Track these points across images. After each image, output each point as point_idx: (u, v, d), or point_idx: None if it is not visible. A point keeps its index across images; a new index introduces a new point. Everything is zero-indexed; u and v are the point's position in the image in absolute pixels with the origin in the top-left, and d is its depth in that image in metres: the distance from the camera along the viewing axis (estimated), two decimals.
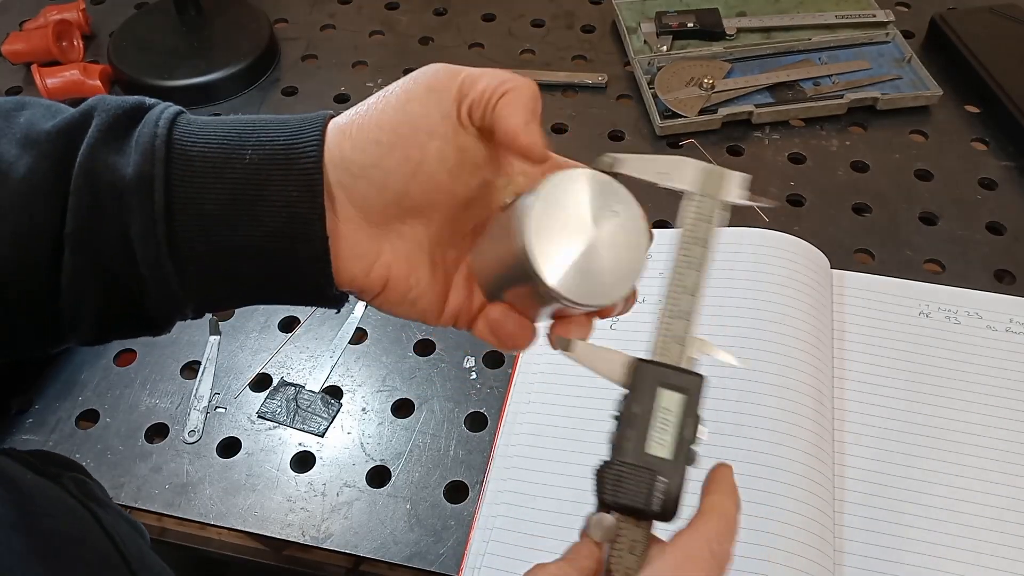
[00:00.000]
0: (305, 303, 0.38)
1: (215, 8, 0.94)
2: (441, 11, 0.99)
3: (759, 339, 0.62)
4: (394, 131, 0.34)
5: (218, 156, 0.34)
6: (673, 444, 0.34)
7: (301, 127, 0.35)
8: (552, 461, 0.59)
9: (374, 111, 0.35)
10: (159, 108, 0.36)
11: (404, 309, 0.38)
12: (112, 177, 0.34)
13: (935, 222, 0.75)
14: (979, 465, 0.58)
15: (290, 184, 0.34)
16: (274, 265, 0.35)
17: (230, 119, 0.36)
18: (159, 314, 0.36)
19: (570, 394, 0.62)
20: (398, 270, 0.37)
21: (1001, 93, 0.81)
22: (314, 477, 0.60)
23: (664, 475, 0.34)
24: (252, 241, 0.34)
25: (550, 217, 0.33)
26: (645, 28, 0.89)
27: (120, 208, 0.34)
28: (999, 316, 0.66)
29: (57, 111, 0.36)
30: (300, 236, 0.34)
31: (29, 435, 0.63)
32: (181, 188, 0.34)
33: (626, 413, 0.35)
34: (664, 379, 0.35)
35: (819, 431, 0.59)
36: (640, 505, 0.34)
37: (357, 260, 0.36)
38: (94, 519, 0.37)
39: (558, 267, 0.33)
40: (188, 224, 0.34)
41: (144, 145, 0.34)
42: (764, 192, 0.77)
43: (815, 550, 0.53)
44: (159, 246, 0.34)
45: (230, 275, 0.35)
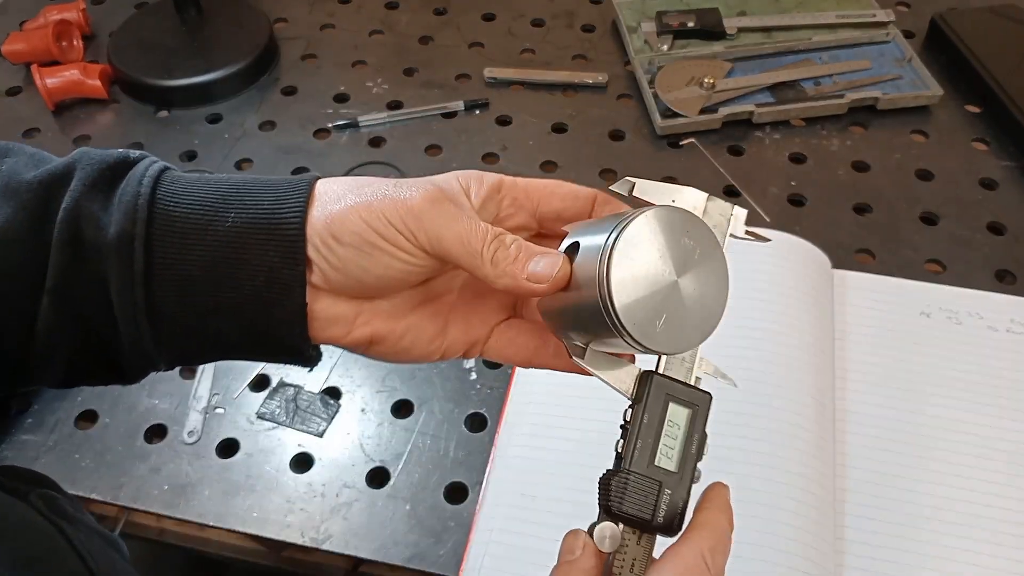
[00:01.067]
0: (281, 361, 0.37)
1: (215, 8, 0.94)
2: (441, 10, 0.98)
3: (760, 339, 0.62)
4: (374, 243, 0.34)
5: (201, 218, 0.34)
6: (679, 458, 0.34)
7: (287, 192, 0.35)
8: (552, 462, 0.58)
9: (357, 211, 0.34)
10: (144, 164, 0.36)
11: (400, 357, 0.38)
12: (94, 234, 0.34)
13: (936, 222, 0.75)
14: (980, 465, 0.58)
15: (271, 250, 0.34)
16: (250, 327, 0.35)
17: (215, 179, 0.36)
18: (131, 367, 0.36)
19: (570, 395, 0.62)
20: (382, 325, 0.37)
21: (1001, 93, 0.81)
22: (313, 478, 0.60)
23: (670, 487, 0.34)
24: (230, 304, 0.34)
25: (632, 263, 0.32)
26: (645, 27, 0.89)
27: (101, 265, 0.34)
28: (1000, 316, 0.66)
29: (40, 161, 0.36)
30: (278, 302, 0.34)
31: (28, 435, 0.63)
32: (161, 249, 0.34)
33: (635, 424, 0.35)
34: (673, 393, 0.35)
35: (820, 431, 0.58)
36: (646, 516, 0.34)
37: (334, 324, 0.36)
38: (62, 536, 0.36)
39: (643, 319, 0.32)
40: (166, 286, 0.34)
41: (127, 204, 0.34)
42: (765, 192, 0.77)
43: (815, 550, 0.53)
44: (136, 306, 0.34)
45: (205, 335, 0.35)
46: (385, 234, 0.34)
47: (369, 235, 0.34)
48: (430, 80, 0.90)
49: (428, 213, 0.34)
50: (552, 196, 0.37)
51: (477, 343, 0.39)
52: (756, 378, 0.60)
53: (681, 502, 0.34)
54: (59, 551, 0.36)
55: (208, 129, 0.86)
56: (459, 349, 0.39)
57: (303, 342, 0.35)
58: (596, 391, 0.61)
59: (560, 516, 0.56)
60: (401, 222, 0.34)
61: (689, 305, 0.33)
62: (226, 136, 0.85)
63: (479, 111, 0.86)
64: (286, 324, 0.35)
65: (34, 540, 0.35)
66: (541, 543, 0.55)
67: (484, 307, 0.39)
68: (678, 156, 0.81)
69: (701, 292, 0.33)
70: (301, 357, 0.36)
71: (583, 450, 0.58)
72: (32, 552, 0.34)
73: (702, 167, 0.79)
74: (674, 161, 0.80)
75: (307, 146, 0.84)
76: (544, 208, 0.37)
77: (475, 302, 0.39)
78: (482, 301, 0.39)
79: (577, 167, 0.79)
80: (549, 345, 0.38)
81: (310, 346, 0.36)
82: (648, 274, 0.32)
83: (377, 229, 0.34)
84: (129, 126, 0.86)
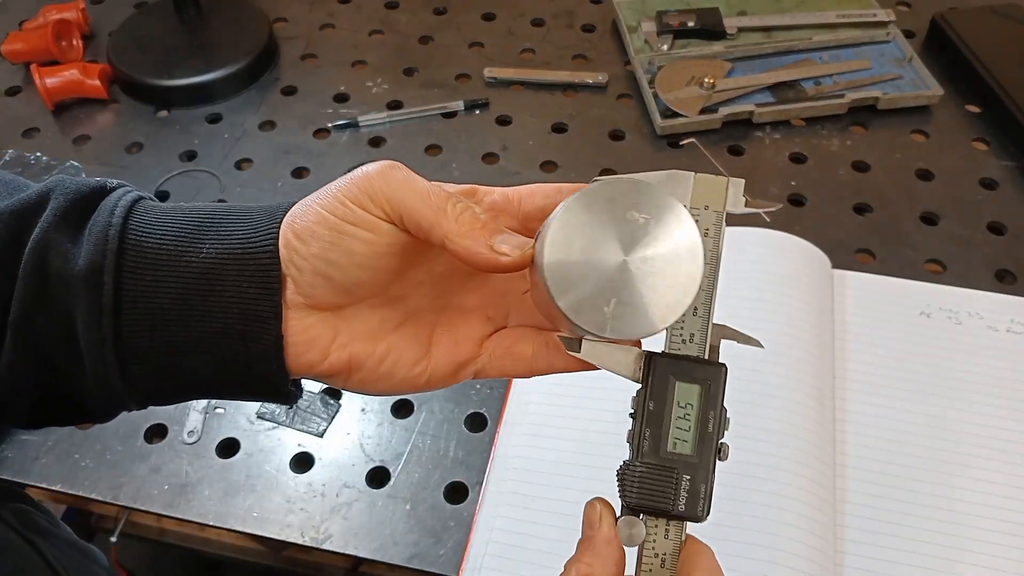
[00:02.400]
0: (257, 399, 0.36)
1: (214, 7, 0.94)
2: (441, 10, 0.98)
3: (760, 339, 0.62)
4: (335, 227, 0.33)
5: (174, 249, 0.33)
6: (695, 440, 0.33)
7: (260, 219, 0.34)
8: (552, 461, 0.58)
9: (316, 204, 0.33)
10: (117, 194, 0.35)
11: (382, 385, 0.36)
12: (62, 266, 0.33)
13: (936, 222, 0.75)
14: (980, 465, 0.58)
15: (245, 279, 0.33)
16: (225, 362, 0.34)
17: (189, 208, 0.35)
18: (98, 406, 0.35)
19: (570, 394, 0.62)
20: (360, 348, 0.35)
21: (1002, 93, 0.81)
22: (313, 478, 0.60)
23: (688, 473, 0.32)
24: (203, 337, 0.33)
25: (567, 246, 0.30)
26: (646, 27, 0.89)
27: (67, 299, 0.32)
28: (1000, 316, 0.66)
29: (15, 188, 0.35)
30: (252, 335, 0.33)
31: (28, 435, 0.63)
32: (131, 281, 0.33)
33: (641, 410, 0.33)
34: (679, 371, 0.33)
35: (820, 431, 0.58)
36: (665, 506, 0.32)
37: (311, 348, 0.34)
38: (36, 553, 0.35)
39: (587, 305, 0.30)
40: (136, 319, 0.33)
41: (97, 235, 0.33)
42: (765, 192, 0.77)
43: (815, 551, 0.53)
44: (103, 341, 0.32)
45: (176, 372, 0.34)
46: (343, 215, 0.32)
47: (328, 221, 0.33)
48: (430, 80, 0.90)
49: (384, 177, 0.33)
50: (533, 194, 0.35)
51: (467, 362, 0.37)
52: (756, 378, 0.60)
53: (703, 486, 0.32)
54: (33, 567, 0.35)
55: (208, 129, 0.86)
56: (446, 372, 0.37)
57: (280, 375, 0.34)
58: (596, 390, 0.61)
59: (560, 516, 0.56)
60: (357, 196, 0.32)
61: (648, 282, 0.30)
62: (226, 136, 0.85)
63: (479, 111, 0.86)
64: (262, 358, 0.33)
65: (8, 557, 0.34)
66: (541, 543, 0.55)
67: (468, 323, 0.37)
68: (678, 156, 0.81)
69: (662, 266, 0.31)
70: (278, 393, 0.35)
71: (583, 450, 0.58)
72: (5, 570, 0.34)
73: (702, 167, 0.79)
74: (674, 161, 0.80)
75: (307, 146, 0.84)
76: (527, 206, 0.35)
77: (458, 320, 0.37)
78: (465, 317, 0.37)
79: (577, 167, 0.79)
80: (547, 346, 0.36)
81: (288, 380, 0.34)
82: (585, 257, 0.30)
83: (334, 212, 0.33)
84: (129, 126, 0.86)
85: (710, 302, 0.34)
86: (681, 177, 0.34)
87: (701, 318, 0.33)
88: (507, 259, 0.32)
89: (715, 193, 0.34)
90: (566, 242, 0.31)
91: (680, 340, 0.33)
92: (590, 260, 0.30)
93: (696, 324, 0.33)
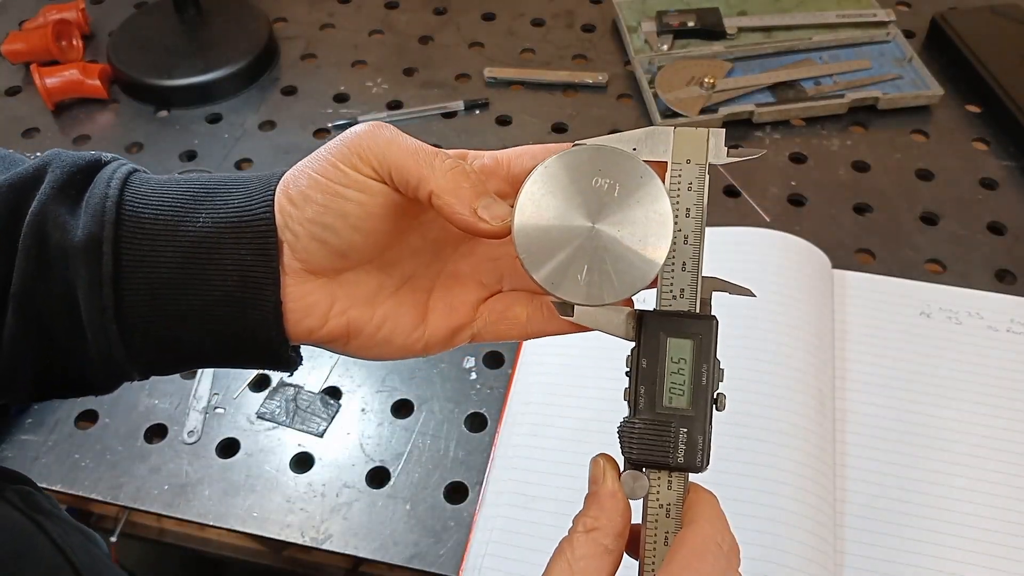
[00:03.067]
0: (258, 366, 0.36)
1: (214, 7, 0.94)
2: (441, 10, 0.98)
3: (760, 339, 0.62)
4: (327, 189, 0.33)
5: (171, 219, 0.33)
6: (690, 393, 0.33)
7: (257, 188, 0.34)
8: (552, 461, 0.58)
9: (308, 168, 0.34)
10: (112, 167, 0.35)
11: (381, 350, 0.36)
12: (61, 238, 0.33)
13: (936, 222, 0.75)
14: (980, 465, 0.58)
15: (243, 247, 0.33)
16: (224, 330, 0.34)
17: (184, 180, 0.35)
18: (101, 377, 0.35)
19: (570, 394, 0.62)
20: (358, 314, 0.35)
21: (1002, 93, 0.81)
22: (313, 478, 0.60)
23: (684, 425, 0.33)
24: (203, 305, 0.33)
25: (536, 218, 0.31)
26: (646, 27, 0.89)
27: (67, 270, 0.33)
28: (1000, 316, 0.66)
29: (11, 163, 0.35)
30: (251, 301, 0.33)
31: (28, 435, 0.63)
32: (130, 251, 0.33)
33: (635, 368, 0.34)
34: (670, 327, 0.33)
35: (820, 431, 0.58)
36: (663, 459, 0.33)
37: (309, 313, 0.34)
38: (41, 531, 0.36)
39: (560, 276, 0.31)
40: (136, 288, 0.33)
41: (95, 206, 0.33)
42: (765, 192, 0.77)
43: (815, 550, 0.53)
44: (105, 311, 0.33)
45: (177, 340, 0.34)
46: (335, 177, 0.33)
47: (321, 184, 0.33)
48: (430, 80, 0.90)
49: (372, 135, 0.33)
50: (522, 156, 0.35)
51: (463, 327, 0.37)
52: (756, 378, 0.60)
53: (701, 437, 0.33)
54: (39, 547, 0.35)
55: (208, 129, 0.86)
56: (442, 337, 0.37)
57: (279, 342, 0.34)
58: (596, 390, 0.61)
59: (560, 516, 0.56)
60: (347, 156, 0.33)
61: (621, 245, 0.31)
62: (226, 136, 0.85)
63: (479, 111, 0.86)
64: (262, 323, 0.34)
65: (14, 536, 0.35)
66: (541, 543, 0.55)
67: (464, 288, 0.38)
68: None
69: (632, 230, 0.31)
70: (278, 359, 0.35)
71: (583, 449, 0.58)
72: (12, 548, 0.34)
73: None
74: None
75: (307, 146, 0.84)
76: (516, 169, 0.35)
77: (454, 285, 0.38)
78: (461, 283, 0.38)
79: None
80: (541, 309, 0.37)
81: (288, 346, 0.35)
82: (554, 227, 0.31)
83: (326, 174, 0.33)
84: (129, 126, 0.86)
85: (698, 256, 0.34)
86: (660, 132, 0.34)
87: (690, 272, 0.34)
88: (487, 226, 0.32)
89: (696, 146, 0.34)
90: (534, 214, 0.31)
91: (671, 296, 0.34)
92: (559, 229, 0.31)
93: (686, 279, 0.34)
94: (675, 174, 0.34)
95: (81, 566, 0.36)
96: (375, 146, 0.33)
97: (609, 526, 0.33)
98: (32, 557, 0.35)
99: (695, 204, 0.34)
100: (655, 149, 0.34)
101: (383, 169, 0.33)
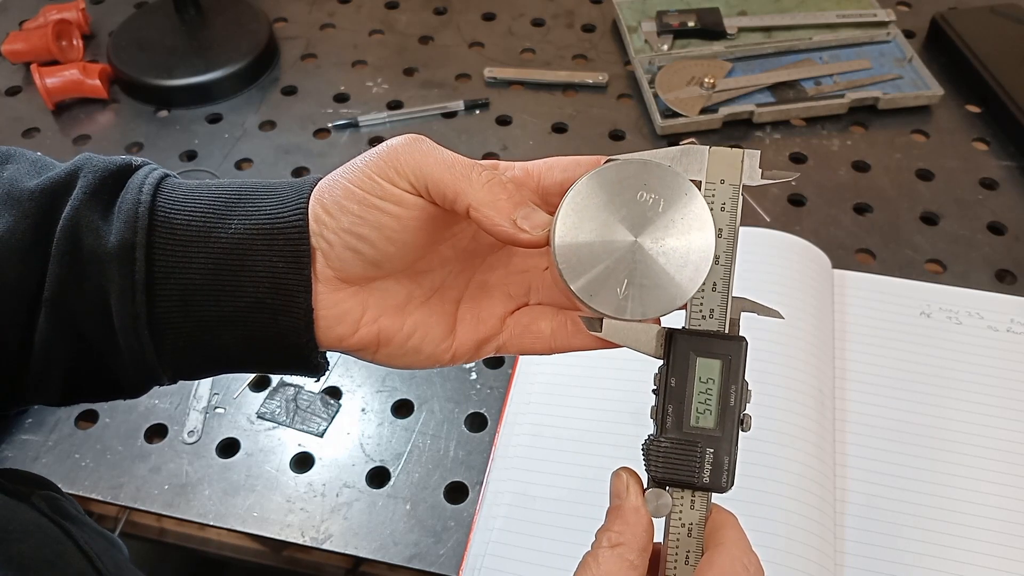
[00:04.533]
0: (288, 372, 0.37)
1: (214, 7, 0.94)
2: (441, 10, 0.98)
3: (760, 339, 0.61)
4: (364, 201, 0.33)
5: (203, 225, 0.34)
6: (717, 414, 0.33)
7: (289, 194, 0.34)
8: (552, 461, 0.58)
9: (344, 178, 0.34)
10: (144, 171, 0.35)
11: (409, 359, 0.37)
12: (94, 243, 0.33)
13: (936, 222, 0.75)
14: (980, 465, 0.58)
15: (275, 254, 0.33)
16: (255, 336, 0.34)
17: (215, 185, 0.35)
18: (131, 381, 0.35)
19: (570, 394, 0.62)
20: (389, 322, 0.36)
21: (1002, 93, 0.81)
22: (313, 478, 0.60)
23: (711, 446, 0.33)
24: (234, 312, 0.33)
25: (577, 230, 0.31)
26: (646, 27, 0.89)
27: (100, 276, 0.33)
28: (1000, 316, 0.66)
29: (43, 167, 0.36)
30: (282, 308, 0.33)
31: (28, 435, 0.63)
32: (163, 257, 0.33)
33: (664, 386, 0.33)
34: (699, 347, 0.33)
35: (820, 431, 0.58)
36: (690, 479, 0.33)
37: (341, 321, 0.35)
38: (68, 537, 0.36)
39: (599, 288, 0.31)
40: (168, 294, 0.33)
41: (127, 212, 0.33)
42: (765, 192, 0.77)
43: (815, 550, 0.53)
44: (137, 317, 0.33)
45: (208, 346, 0.34)
46: (371, 189, 0.33)
47: (357, 195, 0.33)
48: (430, 80, 0.90)
49: (409, 149, 0.33)
50: (552, 168, 0.35)
51: (489, 339, 0.38)
52: (756, 378, 0.59)
53: (727, 458, 0.33)
54: (67, 553, 0.35)
55: (208, 129, 0.86)
56: (470, 348, 0.37)
57: (310, 348, 0.35)
58: (596, 390, 0.61)
59: (560, 516, 0.56)
60: (384, 169, 0.33)
61: (661, 262, 0.32)
62: (226, 136, 0.85)
63: (479, 111, 0.86)
64: (293, 330, 0.34)
65: (42, 542, 0.35)
66: (541, 543, 0.55)
67: (492, 299, 0.38)
68: None
69: (674, 245, 0.32)
70: (308, 365, 0.35)
71: (583, 449, 0.58)
72: (41, 554, 0.34)
73: None
74: None
75: (307, 146, 0.84)
76: (546, 181, 0.35)
77: (482, 297, 0.38)
78: (489, 295, 0.38)
79: None
80: (566, 324, 0.37)
81: (317, 352, 0.35)
82: (596, 239, 0.31)
83: (362, 186, 0.33)
84: (129, 126, 0.86)
85: (729, 276, 0.34)
86: (695, 151, 0.34)
87: (720, 293, 0.34)
88: (527, 236, 0.32)
89: (731, 166, 0.34)
90: (576, 225, 0.31)
91: (700, 316, 0.34)
92: (601, 242, 0.31)
93: (716, 299, 0.34)
94: (708, 194, 0.34)
95: (106, 571, 0.36)
96: (412, 160, 0.33)
97: (634, 541, 0.33)
98: (61, 565, 0.34)
99: (728, 225, 0.34)
100: (689, 168, 0.34)
101: (419, 183, 0.33)
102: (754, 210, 0.75)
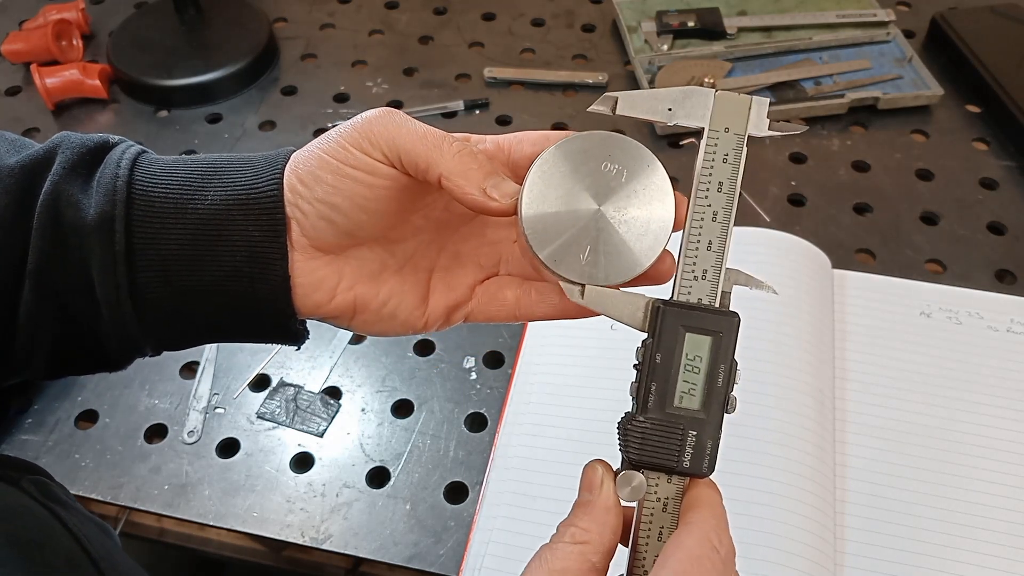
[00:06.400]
0: (268, 340, 0.37)
1: (214, 7, 0.94)
2: (441, 10, 0.98)
3: (760, 339, 0.62)
4: (337, 171, 0.34)
5: (180, 196, 0.34)
6: (703, 394, 0.32)
7: (264, 166, 0.35)
8: (552, 461, 0.58)
9: (319, 149, 0.35)
10: (121, 147, 0.36)
11: (384, 326, 0.37)
12: (75, 216, 0.34)
13: (936, 222, 0.75)
14: (980, 465, 0.58)
15: (251, 223, 0.34)
16: (234, 304, 0.35)
17: (192, 159, 0.36)
18: (116, 352, 0.36)
19: (570, 394, 0.62)
20: (364, 290, 0.36)
21: (1002, 93, 0.81)
22: (313, 478, 0.60)
23: (694, 428, 0.31)
24: (212, 281, 0.34)
25: (543, 198, 0.32)
26: (646, 27, 0.89)
27: (82, 248, 0.34)
28: (1000, 316, 0.66)
29: (22, 146, 0.36)
30: (259, 276, 0.34)
31: (28, 435, 0.63)
32: (142, 229, 0.34)
33: (647, 362, 0.32)
34: (689, 321, 0.32)
35: (820, 431, 0.58)
36: (670, 463, 0.31)
37: (318, 288, 0.35)
38: (57, 520, 0.36)
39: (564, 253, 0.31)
40: (148, 264, 0.34)
41: (106, 185, 0.34)
42: (765, 192, 0.77)
43: (815, 550, 0.53)
44: (119, 287, 0.34)
45: (189, 315, 0.35)
46: (344, 159, 0.34)
47: (331, 164, 0.34)
48: (430, 80, 0.90)
49: (382, 120, 0.34)
50: (523, 142, 0.36)
51: (459, 306, 0.38)
52: (756, 378, 0.60)
53: (710, 442, 0.31)
54: (56, 534, 0.36)
55: (208, 129, 0.86)
56: (440, 314, 0.38)
57: (288, 315, 0.35)
58: (596, 390, 0.61)
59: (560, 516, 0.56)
60: (357, 139, 0.34)
61: (621, 232, 0.32)
62: (226, 136, 0.85)
63: (479, 111, 0.86)
64: (270, 297, 0.35)
65: (31, 524, 0.35)
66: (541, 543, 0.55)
67: (463, 268, 0.39)
68: (678, 156, 0.81)
69: (635, 215, 0.32)
70: (287, 333, 0.36)
71: (584, 449, 0.58)
72: (29, 535, 0.35)
73: None
74: (674, 161, 0.80)
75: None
76: (516, 154, 0.36)
77: (455, 266, 0.39)
78: (461, 264, 0.39)
79: None
80: (530, 292, 0.37)
81: (296, 318, 0.36)
82: (562, 208, 0.31)
83: (336, 156, 0.34)
84: (129, 126, 0.86)
85: (726, 237, 0.32)
86: (700, 93, 0.33)
87: (716, 253, 0.32)
88: (496, 204, 0.33)
89: (737, 113, 0.32)
90: (543, 193, 0.32)
91: (692, 276, 0.32)
92: (567, 211, 0.32)
93: (710, 259, 0.32)
94: (711, 142, 0.32)
95: (97, 556, 0.36)
96: (385, 131, 0.34)
97: (599, 541, 0.32)
98: (51, 546, 0.35)
99: (728, 178, 0.32)
100: (692, 112, 0.33)
101: (392, 153, 0.34)
102: (754, 210, 0.75)
